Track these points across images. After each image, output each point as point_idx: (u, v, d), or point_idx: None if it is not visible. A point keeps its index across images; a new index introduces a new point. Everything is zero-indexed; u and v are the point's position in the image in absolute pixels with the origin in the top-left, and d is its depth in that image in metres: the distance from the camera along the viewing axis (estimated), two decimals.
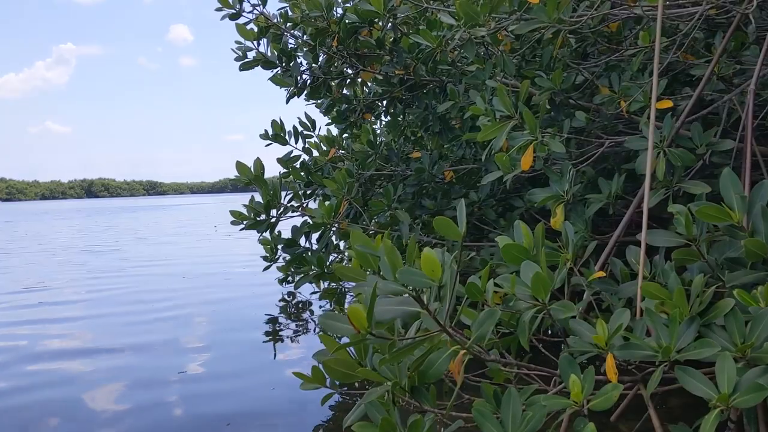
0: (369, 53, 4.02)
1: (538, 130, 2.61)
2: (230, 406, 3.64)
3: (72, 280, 9.29)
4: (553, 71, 3.39)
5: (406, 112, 4.11)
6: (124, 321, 6.16)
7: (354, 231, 1.95)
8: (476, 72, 3.42)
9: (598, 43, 3.22)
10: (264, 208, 3.48)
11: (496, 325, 1.99)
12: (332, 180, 3.86)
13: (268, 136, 4.32)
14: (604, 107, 3.07)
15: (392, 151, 4.32)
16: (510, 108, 2.74)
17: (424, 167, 3.95)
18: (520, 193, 4.06)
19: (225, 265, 10.64)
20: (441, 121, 3.89)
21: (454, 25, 3.41)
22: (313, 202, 4.37)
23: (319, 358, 1.95)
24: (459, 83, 3.74)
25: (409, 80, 3.87)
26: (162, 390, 4.02)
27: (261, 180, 3.57)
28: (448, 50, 3.36)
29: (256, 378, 4.22)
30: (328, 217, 3.53)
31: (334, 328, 1.51)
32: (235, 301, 7.16)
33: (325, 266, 3.56)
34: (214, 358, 4.77)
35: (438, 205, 4.04)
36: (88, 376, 4.33)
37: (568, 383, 1.72)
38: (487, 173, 4.09)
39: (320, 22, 3.54)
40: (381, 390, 1.74)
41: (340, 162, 4.56)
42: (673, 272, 1.89)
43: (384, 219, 3.92)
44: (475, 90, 3.35)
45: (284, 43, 3.73)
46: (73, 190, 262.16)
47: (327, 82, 3.83)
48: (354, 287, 1.72)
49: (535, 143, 2.62)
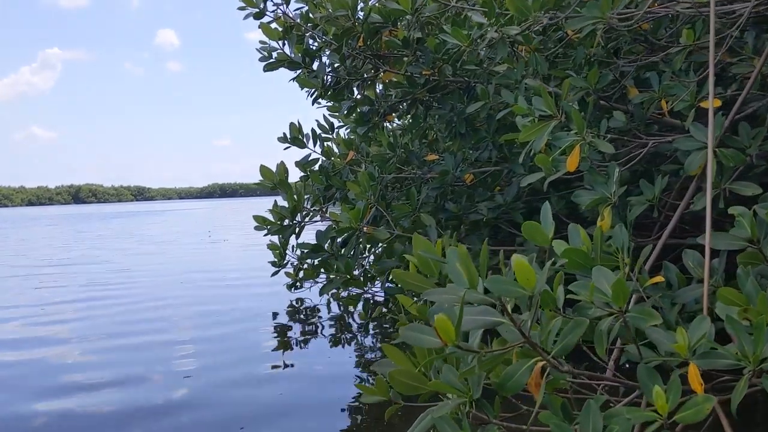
0: (390, 54, 3.93)
1: (585, 130, 2.53)
2: (243, 411, 3.53)
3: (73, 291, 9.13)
4: (584, 71, 3.33)
5: (429, 114, 4.02)
6: (133, 321, 6.03)
7: (416, 236, 1.86)
8: (507, 72, 3.35)
9: (635, 41, 3.15)
10: (290, 213, 3.38)
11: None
12: (355, 183, 3.76)
13: (287, 139, 4.22)
14: (644, 107, 3.00)
15: (412, 153, 4.23)
16: (552, 107, 2.66)
17: (448, 169, 3.87)
18: (546, 195, 3.98)
19: (223, 272, 10.50)
20: (466, 122, 3.81)
21: (485, 23, 3.34)
22: (332, 206, 4.27)
23: (380, 370, 1.86)
24: (486, 83, 3.66)
25: (433, 81, 3.79)
26: (169, 393, 3.92)
27: (285, 184, 3.48)
28: (478, 49, 3.28)
29: (268, 384, 4.11)
30: (354, 221, 3.43)
31: (417, 340, 1.42)
32: (241, 308, 7.02)
33: (352, 272, 3.46)
34: (222, 363, 4.66)
35: (462, 209, 3.95)
36: (100, 387, 4.20)
37: (650, 395, 1.63)
38: (513, 175, 4.02)
39: (345, 22, 3.45)
40: (453, 403, 1.64)
41: (358, 165, 4.47)
42: (751, 277, 1.81)
43: (408, 223, 3.83)
44: (507, 90, 3.27)
45: (306, 44, 3.64)
46: (60, 196, 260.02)
47: (350, 84, 3.74)
48: (426, 295, 1.62)
49: (582, 143, 2.54)
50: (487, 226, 3.97)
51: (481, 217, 3.84)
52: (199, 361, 4.70)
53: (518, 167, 3.88)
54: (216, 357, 4.82)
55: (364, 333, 4.89)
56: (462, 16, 3.80)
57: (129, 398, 3.87)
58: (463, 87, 3.85)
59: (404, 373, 1.73)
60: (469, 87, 3.88)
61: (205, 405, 3.68)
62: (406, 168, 4.35)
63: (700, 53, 2.82)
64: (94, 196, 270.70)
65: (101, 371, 4.47)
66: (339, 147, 4.49)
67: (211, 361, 4.67)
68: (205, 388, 4.03)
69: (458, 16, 3.76)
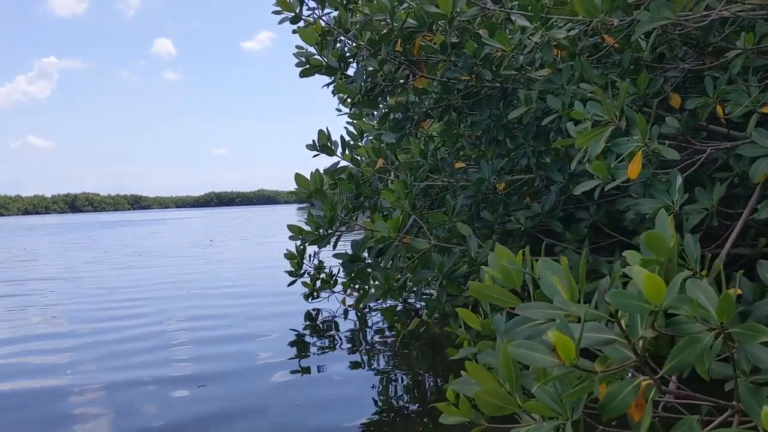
0: (422, 59, 3.85)
1: (648, 135, 2.44)
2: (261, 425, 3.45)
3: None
4: (627, 76, 3.25)
5: (466, 120, 3.93)
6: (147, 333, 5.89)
7: (498, 246, 1.76)
8: (552, 76, 3.26)
9: (687, 44, 3.06)
10: (328, 222, 3.27)
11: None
12: (389, 191, 3.67)
13: (316, 146, 4.13)
14: (697, 113, 2.91)
15: (444, 161, 4.14)
16: (611, 112, 2.57)
17: (484, 177, 3.77)
18: (585, 204, 3.89)
19: (232, 281, 10.37)
20: (504, 128, 3.72)
21: (528, 27, 3.25)
22: (362, 215, 4.18)
23: (461, 389, 1.75)
24: (525, 89, 3.58)
25: (470, 87, 3.70)
26: (190, 407, 3.81)
27: (321, 193, 3.37)
28: (522, 54, 3.19)
29: (285, 395, 4.01)
30: (393, 231, 3.33)
31: (530, 359, 1.32)
32: (256, 318, 6.88)
33: (392, 282, 3.36)
34: (238, 371, 4.55)
35: (498, 218, 3.86)
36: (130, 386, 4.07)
37: (756, 415, 1.53)
38: (549, 183, 3.93)
39: (383, 26, 3.36)
40: (550, 426, 1.54)
41: (385, 174, 4.37)
42: None
43: (443, 233, 3.73)
44: (552, 95, 3.19)
45: (341, 49, 3.54)
46: (56, 205, 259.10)
47: (385, 90, 3.64)
48: (521, 310, 1.52)
49: (644, 150, 2.45)
50: (525, 235, 3.87)
51: (518, 226, 3.74)
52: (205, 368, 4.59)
53: (556, 175, 3.78)
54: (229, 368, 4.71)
55: (398, 346, 4.77)
56: (499, 21, 3.72)
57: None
58: (498, 93, 3.77)
59: (491, 393, 1.62)
60: (505, 93, 3.79)
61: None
62: (436, 176, 4.26)
63: (759, 57, 2.73)
64: (90, 205, 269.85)
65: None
66: (367, 155, 4.39)
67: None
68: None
69: (493, 20, 3.68)
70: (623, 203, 3.48)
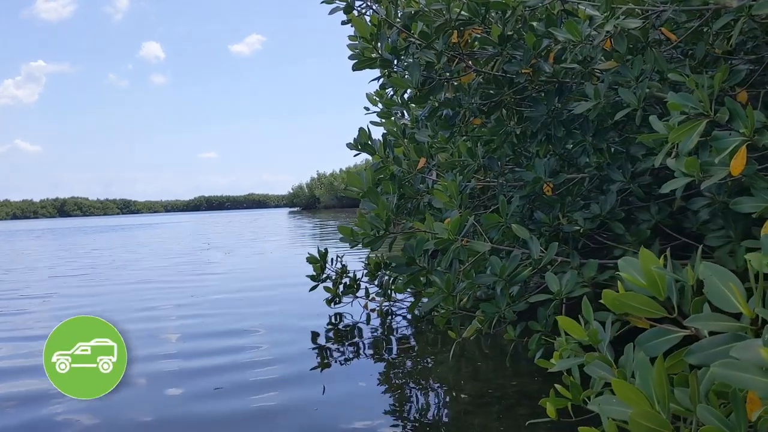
0: (472, 53, 3.66)
1: (753, 129, 2.26)
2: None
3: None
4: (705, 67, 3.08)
5: (521, 116, 3.74)
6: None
7: (644, 251, 1.56)
8: (621, 68, 3.08)
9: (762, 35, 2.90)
10: (385, 224, 3.07)
11: None
12: (440, 191, 3.47)
13: (356, 145, 3.93)
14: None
15: (493, 160, 3.95)
16: (707, 104, 2.39)
17: (540, 177, 3.58)
18: (643, 205, 3.71)
19: (246, 283, 10.13)
20: (563, 125, 3.54)
21: (597, 16, 3.08)
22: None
23: (607, 411, 1.56)
24: (583, 83, 3.40)
25: (526, 81, 3.51)
26: (210, 405, 3.70)
27: (374, 193, 3.17)
28: (593, 44, 3.01)
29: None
30: (453, 233, 3.14)
31: (743, 381, 1.12)
32: (278, 324, 6.66)
33: (452, 288, 3.16)
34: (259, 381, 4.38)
35: (553, 219, 3.67)
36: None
37: None
38: (608, 181, 3.74)
39: (439, 17, 3.17)
40: None
41: (430, 173, 4.18)
42: None
43: (497, 235, 3.54)
44: (624, 88, 3.01)
45: (393, 42, 3.35)
46: (45, 210, 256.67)
47: (441, 83, 3.44)
48: (692, 321, 1.33)
49: (749, 144, 2.27)
50: (581, 237, 3.68)
51: (577, 228, 3.55)
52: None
53: (616, 174, 3.61)
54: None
55: (455, 355, 4.56)
56: (556, 12, 3.54)
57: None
58: (555, 87, 3.58)
59: (646, 416, 1.43)
60: (561, 87, 3.61)
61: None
62: (482, 176, 4.07)
63: None
64: (79, 210, 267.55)
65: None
66: (407, 154, 4.20)
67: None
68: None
69: (549, 11, 3.50)
70: (695, 203, 3.31)
